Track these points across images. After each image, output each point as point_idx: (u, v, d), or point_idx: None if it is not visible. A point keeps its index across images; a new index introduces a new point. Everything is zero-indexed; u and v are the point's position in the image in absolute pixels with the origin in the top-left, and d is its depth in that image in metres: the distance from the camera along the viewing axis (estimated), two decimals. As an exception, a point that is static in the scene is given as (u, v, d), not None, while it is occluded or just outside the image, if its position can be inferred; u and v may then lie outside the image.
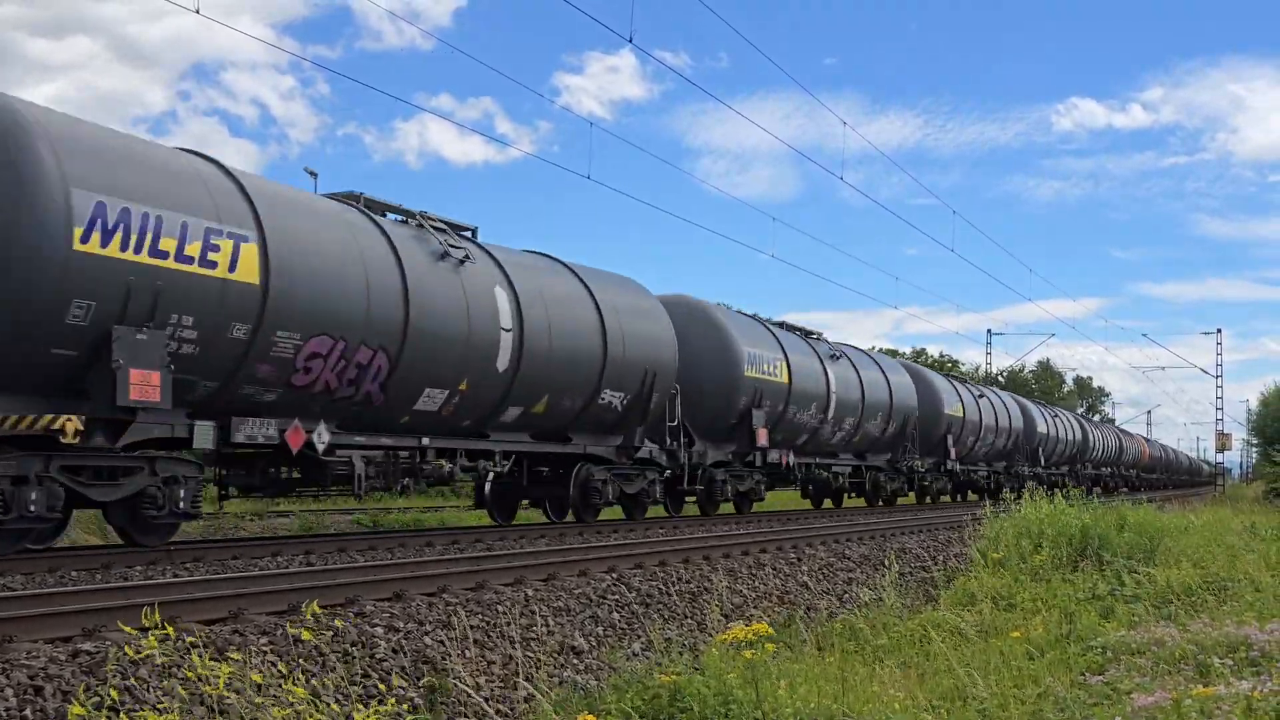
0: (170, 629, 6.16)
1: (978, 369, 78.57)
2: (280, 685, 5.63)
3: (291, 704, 5.27)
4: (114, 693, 5.77)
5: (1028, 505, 17.22)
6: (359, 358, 13.83)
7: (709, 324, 22.81)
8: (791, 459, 24.96)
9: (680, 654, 8.51)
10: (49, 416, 10.97)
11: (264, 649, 7.06)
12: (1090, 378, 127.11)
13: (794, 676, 7.43)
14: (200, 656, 5.82)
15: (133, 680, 6.01)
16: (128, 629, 6.36)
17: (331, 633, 7.61)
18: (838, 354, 28.27)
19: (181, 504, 12.34)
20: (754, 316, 26.23)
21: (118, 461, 11.88)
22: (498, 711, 7.70)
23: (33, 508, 10.89)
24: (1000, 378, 71.53)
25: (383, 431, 14.93)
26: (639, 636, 10.16)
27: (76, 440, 11.18)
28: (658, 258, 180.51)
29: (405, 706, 7.14)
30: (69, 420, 11.04)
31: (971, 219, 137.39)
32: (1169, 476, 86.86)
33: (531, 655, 8.81)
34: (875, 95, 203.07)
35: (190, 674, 5.85)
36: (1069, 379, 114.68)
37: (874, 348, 36.14)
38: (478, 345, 15.73)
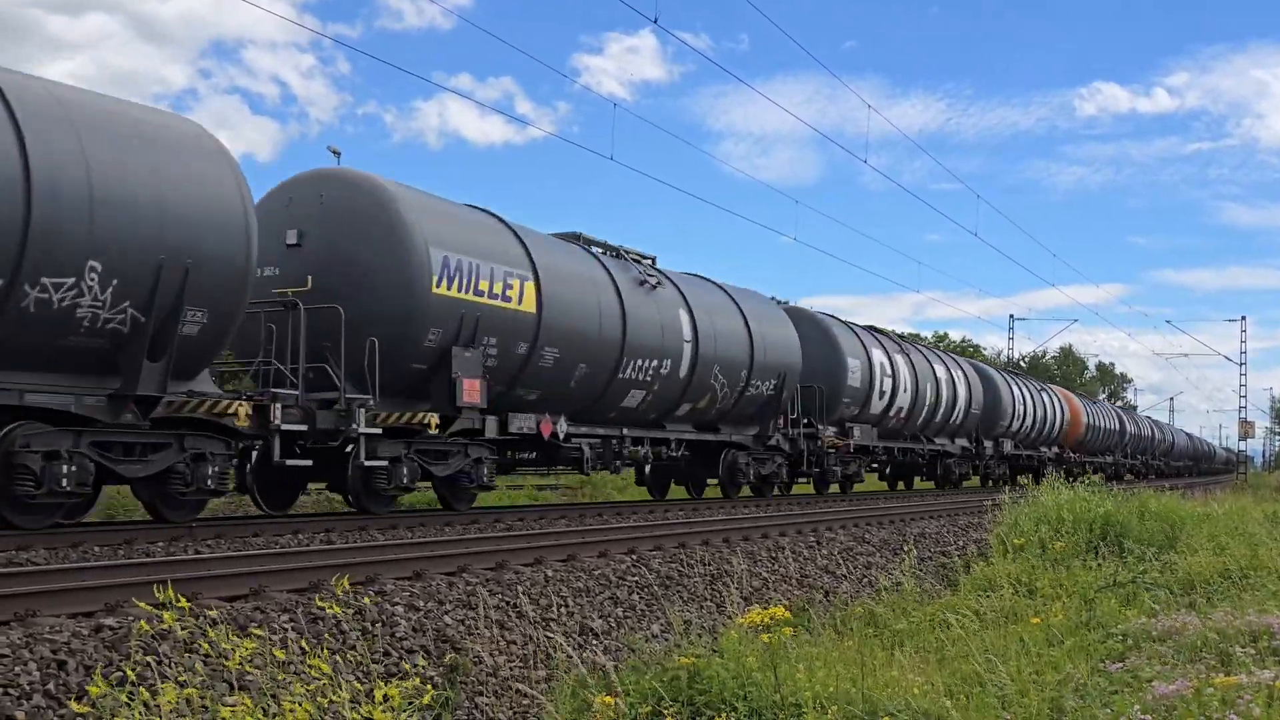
0: (185, 603, 6.19)
1: (999, 354, 78.25)
2: (301, 661, 5.66)
3: (315, 679, 5.29)
4: (135, 668, 5.81)
5: (1047, 492, 17.15)
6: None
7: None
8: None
9: (699, 636, 8.51)
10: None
11: (284, 626, 7.10)
12: (1113, 364, 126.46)
13: (812, 660, 7.42)
14: (216, 631, 5.85)
15: (153, 656, 6.04)
16: (146, 605, 6.39)
17: (353, 610, 7.64)
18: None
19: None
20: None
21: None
22: (517, 690, 7.72)
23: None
24: (1022, 363, 71.22)
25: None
26: (658, 618, 10.17)
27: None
28: (678, 239, 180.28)
29: (415, 681, 7.16)
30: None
31: (993, 204, 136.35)
32: (1145, 461, 65.79)
33: (550, 636, 8.83)
34: (896, 79, 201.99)
35: (209, 649, 5.88)
36: (1091, 365, 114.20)
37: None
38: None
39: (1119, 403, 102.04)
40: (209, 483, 12.46)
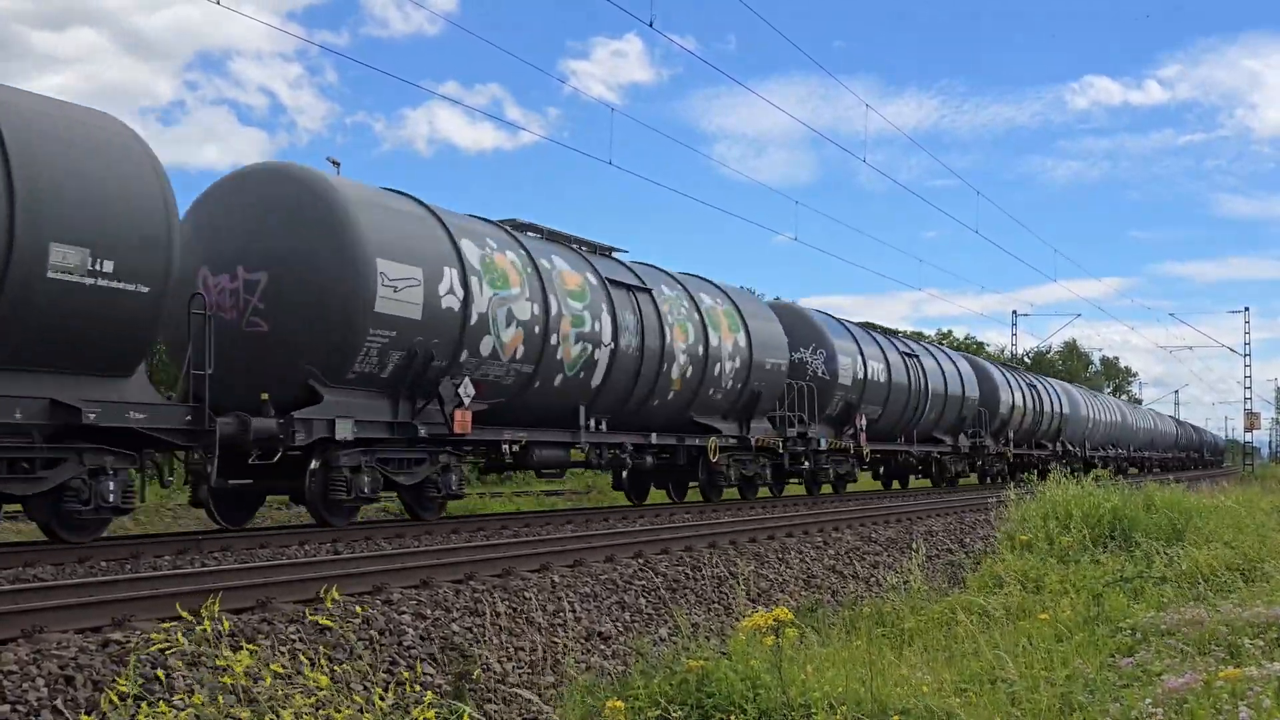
0: (202, 621, 6.18)
1: (1002, 351, 78.06)
2: (303, 674, 5.65)
3: (315, 693, 5.29)
4: (141, 682, 5.80)
5: (1053, 487, 17.13)
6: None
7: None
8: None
9: (707, 639, 8.50)
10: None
11: (291, 637, 7.09)
12: (1117, 358, 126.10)
13: (821, 660, 7.40)
14: (218, 646, 5.84)
15: (161, 670, 6.04)
16: (155, 619, 6.39)
17: (359, 620, 7.64)
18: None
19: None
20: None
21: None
22: (525, 698, 7.71)
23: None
24: (1026, 359, 71.09)
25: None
26: (666, 622, 10.16)
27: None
28: (677, 242, 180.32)
29: (427, 692, 7.15)
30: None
31: (992, 200, 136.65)
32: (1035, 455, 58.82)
33: (559, 641, 8.83)
34: (889, 78, 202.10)
35: (221, 662, 5.88)
36: (1095, 359, 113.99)
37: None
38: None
39: (1124, 396, 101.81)
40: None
